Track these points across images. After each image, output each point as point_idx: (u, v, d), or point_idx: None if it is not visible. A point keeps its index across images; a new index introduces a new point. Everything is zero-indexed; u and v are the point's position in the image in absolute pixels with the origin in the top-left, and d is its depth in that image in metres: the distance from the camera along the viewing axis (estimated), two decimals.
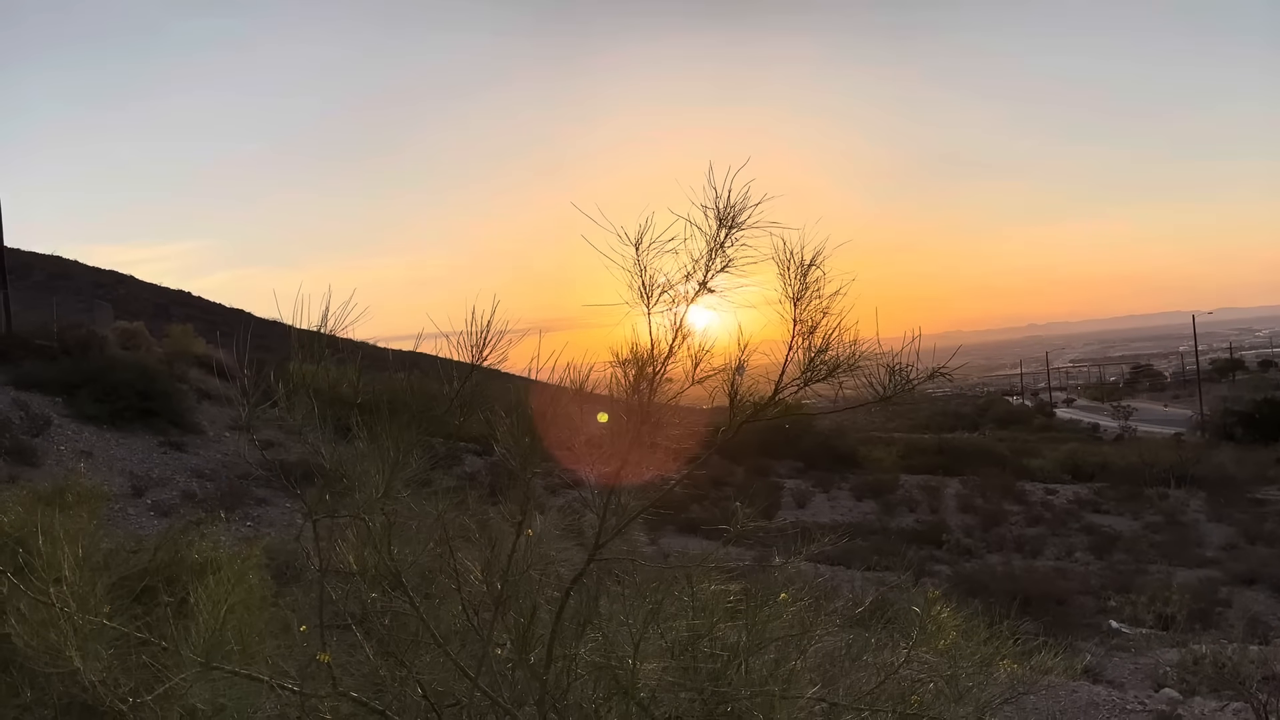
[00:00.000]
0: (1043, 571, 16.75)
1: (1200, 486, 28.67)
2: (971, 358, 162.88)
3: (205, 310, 52.89)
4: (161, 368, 21.47)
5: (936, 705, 2.94)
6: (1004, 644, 3.02)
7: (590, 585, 2.86)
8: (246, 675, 2.17)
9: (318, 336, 2.62)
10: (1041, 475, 32.48)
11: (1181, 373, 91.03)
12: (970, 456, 34.67)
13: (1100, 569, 18.85)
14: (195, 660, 2.12)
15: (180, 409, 20.45)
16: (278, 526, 15.96)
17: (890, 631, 3.42)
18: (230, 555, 5.64)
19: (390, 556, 2.57)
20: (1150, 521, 24.36)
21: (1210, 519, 24.73)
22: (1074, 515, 25.05)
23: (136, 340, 23.42)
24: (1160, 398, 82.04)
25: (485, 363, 2.41)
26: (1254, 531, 22.75)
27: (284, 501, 18.56)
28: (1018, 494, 27.59)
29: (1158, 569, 18.51)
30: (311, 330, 2.72)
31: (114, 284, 54.37)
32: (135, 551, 4.96)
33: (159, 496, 16.71)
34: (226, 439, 21.10)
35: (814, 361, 2.80)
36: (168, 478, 17.92)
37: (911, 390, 2.69)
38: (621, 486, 2.84)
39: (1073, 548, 21.23)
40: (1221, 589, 16.46)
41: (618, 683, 2.87)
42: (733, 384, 2.85)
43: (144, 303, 46.72)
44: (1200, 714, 9.19)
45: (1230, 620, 14.53)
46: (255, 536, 13.25)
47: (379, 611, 2.71)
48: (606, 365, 2.89)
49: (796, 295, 2.85)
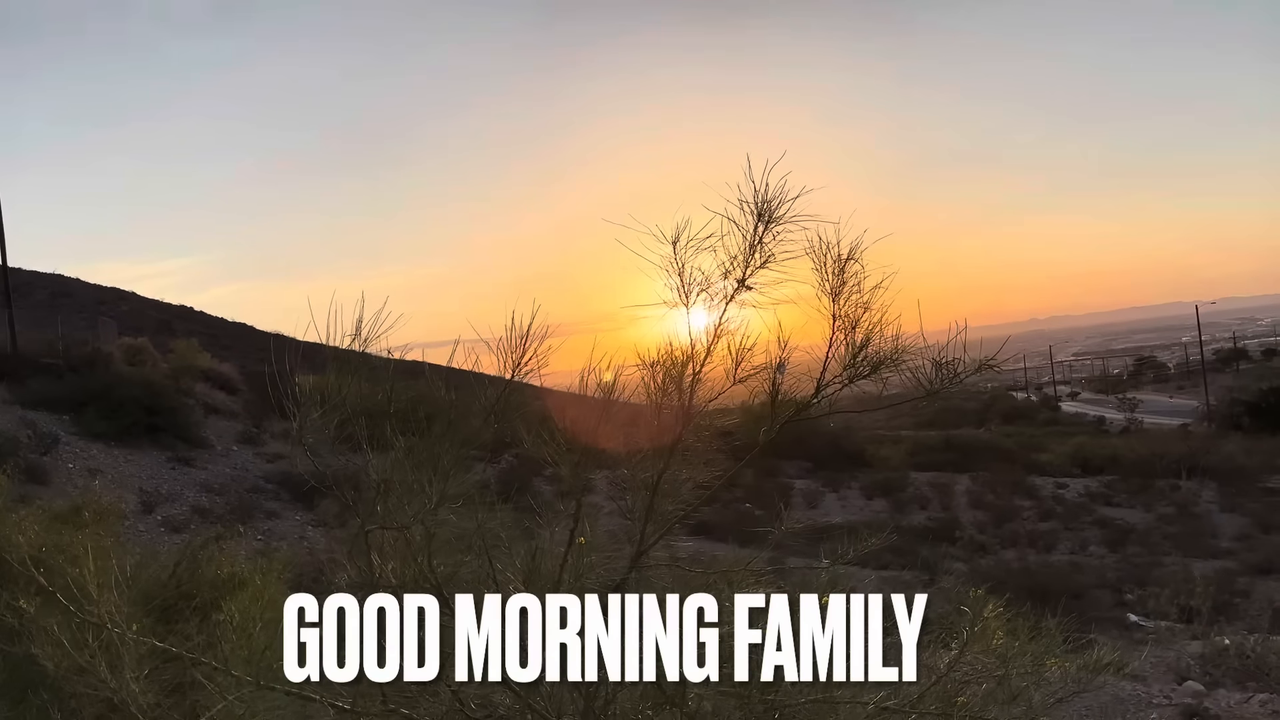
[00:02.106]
0: (1058, 566, 16.68)
1: (1211, 477, 28.56)
2: (974, 354, 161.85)
3: (208, 325, 52.82)
4: (168, 383, 21.43)
5: (989, 707, 2.88)
6: (1054, 643, 2.96)
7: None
8: (300, 694, 2.11)
9: (348, 352, 2.56)
10: (1051, 469, 32.35)
11: (1185, 363, 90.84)
12: (978, 452, 34.55)
13: (1115, 562, 18.77)
14: (247, 680, 2.06)
15: (188, 424, 20.41)
16: (289, 540, 15.92)
17: (934, 632, 3.35)
18: (251, 570, 5.59)
19: (431, 567, 2.51)
20: (1163, 513, 24.28)
21: (1223, 509, 24.65)
22: (1086, 509, 24.96)
23: (142, 356, 23.38)
24: (1165, 389, 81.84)
25: (525, 369, 2.35)
26: (1267, 521, 22.69)
27: (294, 514, 18.52)
28: (1028, 489, 27.50)
29: (1173, 561, 18.43)
30: (325, 344, 2.65)
31: (116, 300, 54.27)
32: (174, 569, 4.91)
33: (169, 512, 16.66)
34: (235, 453, 21.06)
35: (857, 358, 2.74)
36: (177, 493, 17.88)
37: (960, 384, 2.64)
38: (661, 490, 2.78)
39: (1086, 541, 21.16)
40: (1239, 579, 16.38)
41: (663, 692, 2.81)
42: (774, 382, 2.79)
43: (147, 318, 46.63)
44: (1226, 706, 9.11)
45: (1249, 611, 14.44)
46: (267, 550, 13.20)
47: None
48: (633, 368, 2.83)
49: (835, 290, 2.79)
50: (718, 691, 2.73)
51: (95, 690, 3.17)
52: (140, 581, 4.44)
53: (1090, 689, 3.01)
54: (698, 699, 2.73)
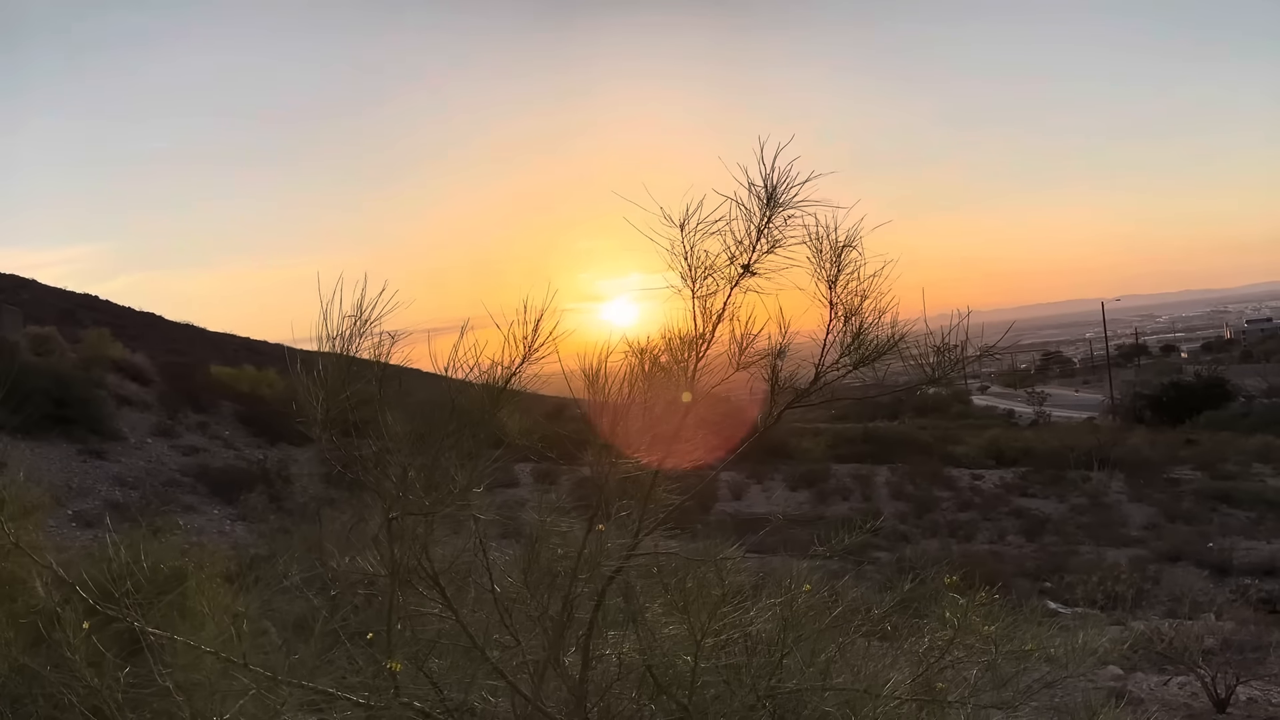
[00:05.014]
0: (979, 555, 17.04)
1: (1119, 468, 29.55)
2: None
3: (115, 315, 51.16)
4: (78, 373, 20.65)
5: (979, 692, 2.90)
6: (1043, 628, 2.99)
7: (630, 581, 2.76)
8: (314, 688, 2.01)
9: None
10: (966, 461, 33.10)
11: (1090, 359, 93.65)
12: (895, 445, 35.16)
13: (1033, 551, 19.27)
14: (264, 675, 1.96)
15: (99, 415, 19.70)
16: (208, 534, 15.45)
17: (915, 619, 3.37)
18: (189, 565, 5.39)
19: (428, 557, 2.43)
20: (1076, 504, 25.02)
21: (1131, 500, 25.53)
22: (1002, 499, 25.58)
23: (49, 345, 22.51)
24: (1071, 383, 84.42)
25: (536, 354, 2.28)
26: (1173, 510, 23.61)
27: (212, 508, 18.00)
28: (946, 480, 28.08)
29: (1088, 550, 18.99)
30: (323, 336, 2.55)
31: (16, 289, 52.22)
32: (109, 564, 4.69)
33: (81, 506, 16.05)
34: (149, 445, 20.41)
35: (857, 344, 2.73)
36: (89, 487, 17.24)
37: (962, 369, 2.64)
38: (660, 478, 2.74)
39: (1004, 531, 21.68)
40: (1149, 567, 16.94)
41: (655, 681, 2.77)
42: (773, 368, 2.77)
43: (49, 308, 44.95)
44: (1146, 689, 9.41)
45: (1160, 597, 14.95)
46: (189, 545, 12.75)
47: (409, 616, 2.56)
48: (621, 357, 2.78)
49: (832, 278, 2.77)
50: (718, 681, 2.71)
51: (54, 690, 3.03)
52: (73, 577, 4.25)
53: (1077, 676, 3.05)
54: (693, 686, 2.69)
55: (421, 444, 1.98)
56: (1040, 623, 3.06)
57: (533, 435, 2.64)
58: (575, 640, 2.67)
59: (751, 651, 2.78)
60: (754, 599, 2.93)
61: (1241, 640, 10.37)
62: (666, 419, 2.65)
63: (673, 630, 2.64)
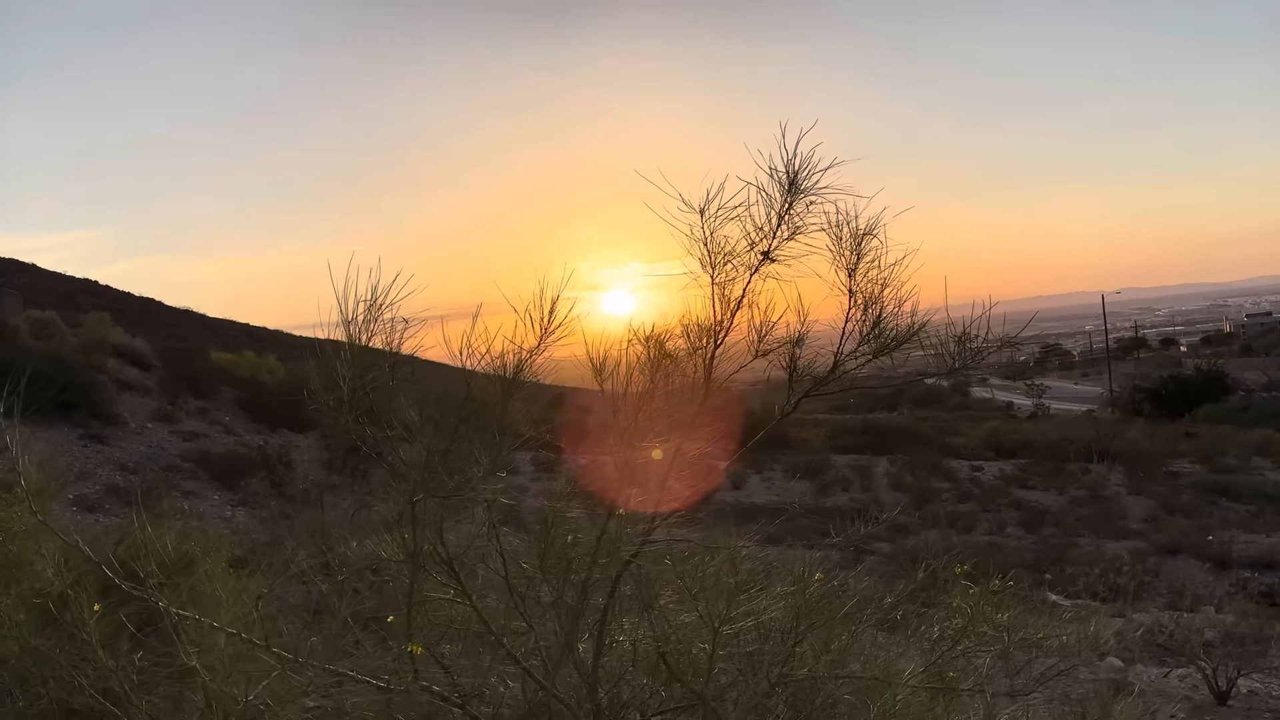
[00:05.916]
0: (979, 546, 17.06)
1: (1118, 461, 29.58)
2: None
3: (115, 300, 51.13)
4: (78, 358, 20.64)
5: (993, 680, 2.90)
6: (1055, 617, 2.99)
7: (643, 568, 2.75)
8: (334, 671, 2.01)
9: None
10: (965, 453, 33.12)
11: (1089, 351, 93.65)
12: (895, 436, 35.21)
13: (1033, 543, 19.31)
14: (287, 656, 1.95)
15: (100, 400, 19.69)
16: (209, 519, 15.46)
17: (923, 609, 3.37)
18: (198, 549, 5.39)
19: (442, 542, 2.42)
20: (1075, 496, 25.03)
21: (1130, 492, 25.54)
22: (1002, 491, 25.60)
23: (50, 330, 22.49)
24: (1070, 376, 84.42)
25: (553, 336, 2.27)
26: (1172, 503, 23.63)
27: (213, 494, 18.01)
28: (945, 471, 28.11)
29: (1087, 542, 19.02)
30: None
31: (15, 273, 52.18)
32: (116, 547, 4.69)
33: (82, 491, 16.05)
34: (150, 430, 20.41)
35: (877, 333, 2.71)
36: (90, 471, 17.24)
37: (982, 360, 2.63)
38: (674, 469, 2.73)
39: (1004, 523, 21.71)
40: (1149, 559, 16.97)
41: (668, 667, 2.76)
42: (792, 356, 2.76)
43: (49, 292, 44.89)
44: (1147, 681, 9.43)
45: (1159, 590, 14.98)
46: (189, 530, 12.75)
47: (420, 601, 2.56)
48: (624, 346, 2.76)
49: (852, 266, 2.76)
50: (731, 669, 2.71)
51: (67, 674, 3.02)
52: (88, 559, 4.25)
53: (1083, 665, 3.05)
54: (709, 673, 2.69)
55: (444, 428, 1.97)
56: (1049, 613, 3.05)
57: (541, 424, 2.63)
58: (589, 627, 2.67)
59: (765, 639, 2.78)
60: (765, 587, 2.93)
61: (1242, 633, 10.40)
62: (683, 406, 2.64)
63: (686, 617, 2.63)
